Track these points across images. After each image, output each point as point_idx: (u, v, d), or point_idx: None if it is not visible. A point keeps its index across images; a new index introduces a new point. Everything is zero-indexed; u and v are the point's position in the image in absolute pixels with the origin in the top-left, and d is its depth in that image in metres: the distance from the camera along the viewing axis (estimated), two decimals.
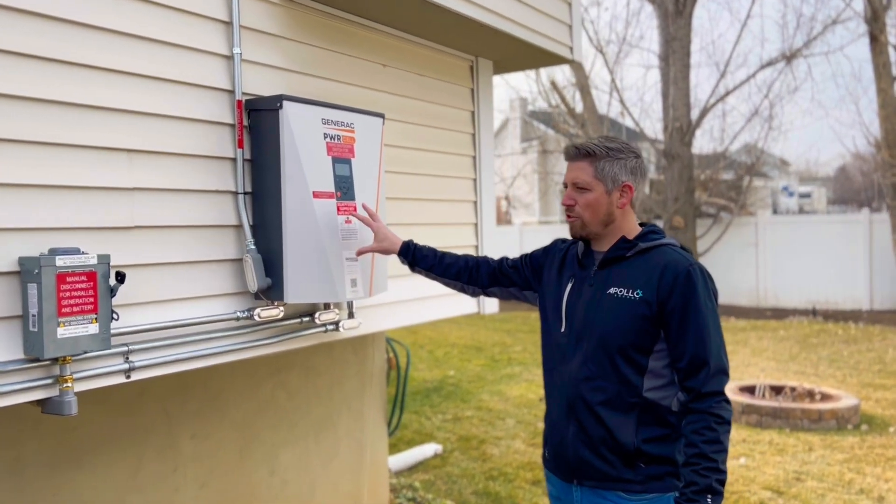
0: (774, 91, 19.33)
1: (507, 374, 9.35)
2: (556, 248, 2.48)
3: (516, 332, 12.73)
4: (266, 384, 3.69)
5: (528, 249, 2.66)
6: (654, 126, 20.40)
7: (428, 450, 5.96)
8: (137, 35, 2.35)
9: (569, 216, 2.28)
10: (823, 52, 33.84)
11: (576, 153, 2.26)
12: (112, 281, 2.17)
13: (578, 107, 16.01)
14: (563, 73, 17.05)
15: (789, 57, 15.36)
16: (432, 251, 2.68)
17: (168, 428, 3.26)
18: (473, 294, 2.68)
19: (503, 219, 26.62)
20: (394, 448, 6.18)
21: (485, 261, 2.65)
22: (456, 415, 7.32)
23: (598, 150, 2.22)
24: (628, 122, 16.98)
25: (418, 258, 2.67)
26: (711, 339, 2.10)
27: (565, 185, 2.29)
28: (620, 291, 2.18)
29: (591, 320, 2.21)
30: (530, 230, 19.19)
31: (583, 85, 15.22)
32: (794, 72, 18.25)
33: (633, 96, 27.26)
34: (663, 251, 2.22)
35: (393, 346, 5.32)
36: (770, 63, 15.46)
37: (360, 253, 2.73)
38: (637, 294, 2.15)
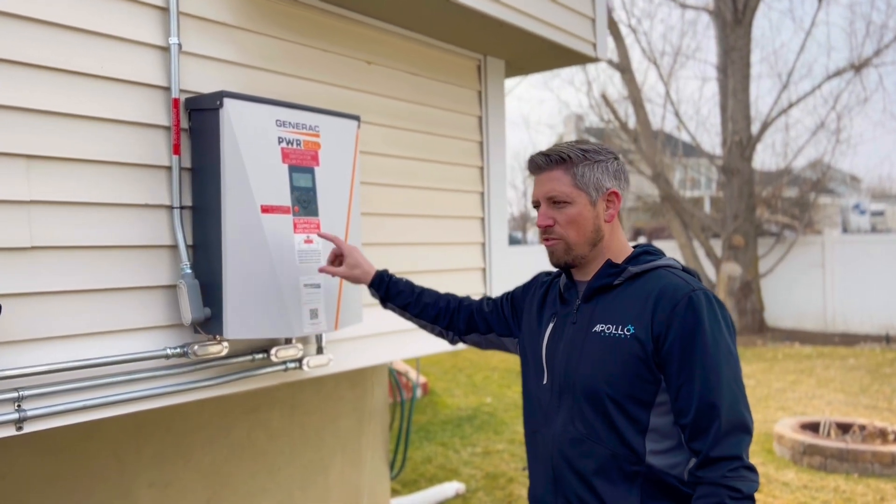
0: (842, 103, 18.34)
1: None
2: (536, 284, 2.02)
3: None
4: (241, 424, 3.27)
5: None
6: (711, 140, 19.57)
7: (448, 489, 5.45)
8: (40, 19, 1.97)
9: (547, 240, 1.82)
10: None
11: (546, 161, 1.79)
12: None
13: (631, 121, 15.36)
14: (614, 87, 16.47)
15: (858, 66, 14.43)
16: (409, 285, 2.26)
17: (120, 475, 2.86)
18: (451, 341, 2.27)
19: None
20: (413, 485, 5.71)
21: (466, 303, 2.23)
22: (486, 448, 6.79)
23: (572, 155, 1.76)
24: (684, 137, 16.25)
25: (392, 293, 2.24)
26: (724, 384, 1.60)
27: (536, 205, 1.83)
28: (608, 328, 1.70)
29: (574, 367, 1.74)
30: None
31: (635, 98, 14.57)
32: (863, 82, 17.18)
33: (689, 109, 26.15)
34: (658, 275, 1.73)
35: (395, 377, 4.86)
36: (837, 73, 14.56)
37: (322, 271, 2.27)
38: (627, 331, 1.67)
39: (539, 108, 46.32)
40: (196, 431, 3.11)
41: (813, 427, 6.62)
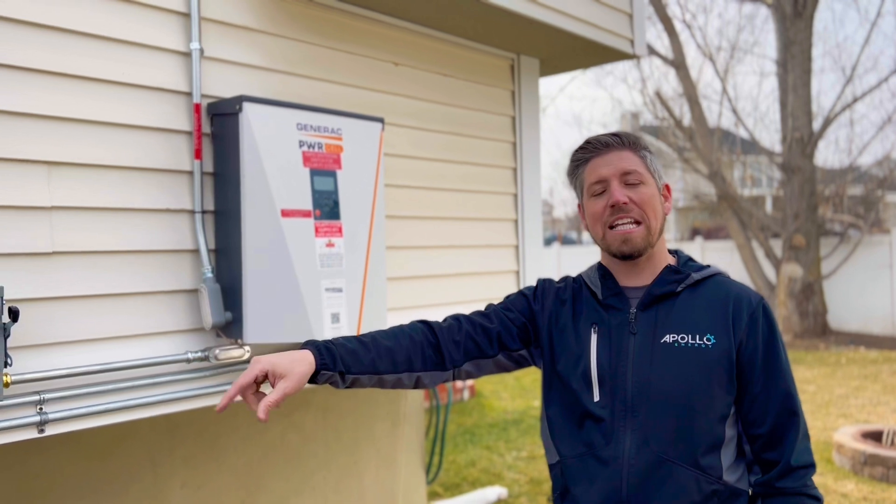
0: None
1: None
2: (550, 289, 1.80)
3: None
4: (275, 426, 3.29)
5: None
6: (771, 137, 18.96)
7: (490, 494, 5.40)
8: (60, 27, 2.00)
9: (614, 226, 1.62)
10: None
11: (616, 141, 1.66)
12: (5, 318, 1.80)
13: (687, 118, 15.01)
14: (669, 84, 16.13)
15: None
16: (354, 340, 1.64)
17: (154, 476, 2.90)
18: (430, 383, 1.72)
19: None
20: (456, 489, 5.67)
21: (443, 332, 1.72)
22: (532, 452, 6.71)
23: (637, 140, 1.69)
24: (742, 133, 15.80)
25: (349, 360, 1.58)
26: (796, 392, 1.63)
27: (599, 189, 1.65)
28: (683, 339, 1.60)
29: (645, 381, 1.60)
30: None
31: (691, 95, 14.24)
32: None
33: (747, 106, 25.39)
34: (719, 282, 1.68)
35: None
36: None
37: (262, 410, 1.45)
38: (708, 340, 1.59)
39: (592, 107, 45.67)
40: (229, 433, 3.13)
41: (875, 436, 6.33)
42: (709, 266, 1.72)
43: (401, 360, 1.64)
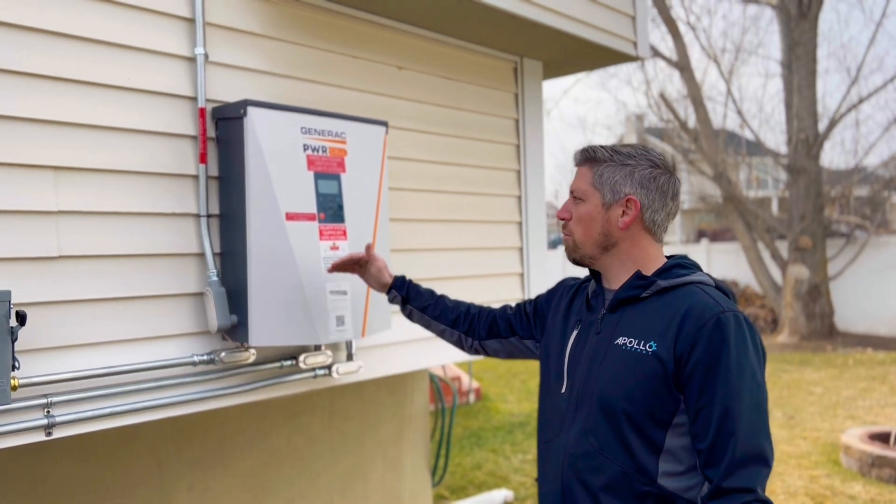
0: None
1: None
2: (563, 288, 1.96)
3: None
4: (281, 429, 3.29)
5: None
6: (776, 139, 18.92)
7: (497, 497, 5.39)
8: (67, 34, 2.02)
9: (563, 233, 1.82)
10: None
11: (578, 158, 1.79)
12: (12, 322, 1.82)
13: (692, 120, 14.99)
14: (673, 86, 16.11)
15: None
16: (428, 290, 2.24)
17: (160, 479, 2.91)
18: (469, 348, 2.18)
19: None
20: (462, 492, 5.67)
21: (486, 309, 2.17)
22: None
23: (600, 154, 1.73)
24: (748, 135, 15.78)
25: (413, 294, 2.20)
26: (744, 411, 1.51)
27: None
28: (630, 342, 1.63)
29: (594, 378, 1.67)
30: None
31: (695, 97, 14.22)
32: None
33: (752, 107, 25.36)
34: (689, 291, 1.63)
35: (437, 384, 4.81)
36: None
37: (335, 268, 2.23)
38: (650, 347, 1.59)
39: (596, 110, 45.44)
40: (235, 436, 3.14)
41: (883, 437, 6.31)
42: (693, 274, 1.69)
43: (452, 317, 2.15)
